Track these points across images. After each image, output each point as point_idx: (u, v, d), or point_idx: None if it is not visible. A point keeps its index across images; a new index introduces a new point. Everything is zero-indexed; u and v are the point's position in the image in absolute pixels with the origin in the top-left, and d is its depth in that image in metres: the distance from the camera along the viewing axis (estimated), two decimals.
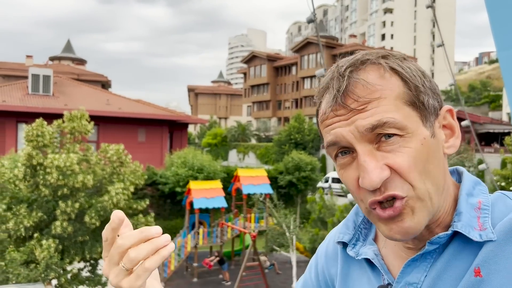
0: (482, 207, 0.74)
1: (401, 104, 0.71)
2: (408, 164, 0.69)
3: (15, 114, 23.75)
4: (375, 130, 0.69)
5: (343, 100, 0.71)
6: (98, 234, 10.24)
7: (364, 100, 0.70)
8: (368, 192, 0.71)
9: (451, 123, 0.77)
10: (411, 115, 0.71)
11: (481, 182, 0.79)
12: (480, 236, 0.70)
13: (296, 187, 26.61)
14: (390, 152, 0.69)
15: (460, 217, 0.73)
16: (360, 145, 0.70)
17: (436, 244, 0.73)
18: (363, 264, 0.84)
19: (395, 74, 0.72)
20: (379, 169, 0.69)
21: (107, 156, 10.67)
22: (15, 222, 9.39)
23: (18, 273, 8.66)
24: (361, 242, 0.86)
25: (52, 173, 9.27)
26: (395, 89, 0.71)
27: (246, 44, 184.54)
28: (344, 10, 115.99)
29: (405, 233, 0.70)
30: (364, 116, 0.70)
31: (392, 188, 0.69)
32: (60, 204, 9.43)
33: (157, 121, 27.85)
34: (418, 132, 0.71)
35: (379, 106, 0.70)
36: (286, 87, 69.96)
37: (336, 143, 0.73)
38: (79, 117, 10.44)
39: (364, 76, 0.71)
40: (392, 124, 0.69)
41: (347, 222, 0.89)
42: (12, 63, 61.12)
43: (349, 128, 0.71)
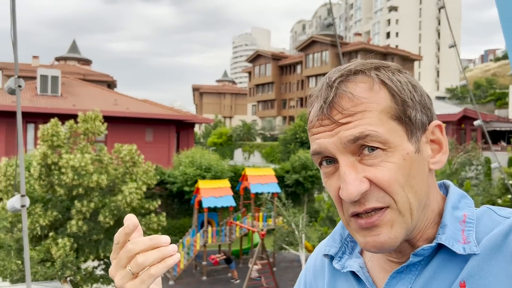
0: (467, 221, 0.74)
1: (386, 118, 0.71)
2: (388, 179, 0.69)
3: (24, 115, 23.98)
4: (357, 142, 0.70)
5: (328, 112, 0.72)
6: (111, 233, 10.40)
7: (349, 112, 0.71)
8: (349, 203, 0.71)
9: (439, 139, 0.77)
10: (396, 130, 0.71)
11: (467, 195, 0.79)
12: (464, 249, 0.70)
13: (302, 186, 26.72)
14: (372, 166, 0.70)
15: (444, 230, 0.73)
16: (343, 157, 0.71)
17: (421, 256, 0.73)
18: (349, 277, 0.83)
19: (384, 87, 0.73)
20: (358, 182, 0.69)
21: (120, 156, 10.82)
22: (31, 221, 9.57)
23: (35, 271, 8.84)
24: (348, 255, 0.86)
25: (67, 173, 9.45)
26: (381, 102, 0.72)
27: (250, 43, 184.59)
28: (348, 8, 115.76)
29: (381, 247, 0.71)
30: (347, 128, 0.70)
31: (372, 201, 0.70)
32: (75, 204, 9.60)
33: (164, 121, 28.04)
34: (401, 147, 0.71)
35: (363, 118, 0.70)
36: (291, 86, 70.02)
37: (320, 152, 0.74)
38: (93, 118, 10.60)
39: (352, 88, 0.72)
40: (375, 138, 0.69)
41: (333, 235, 0.89)
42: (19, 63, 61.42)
43: (333, 140, 0.71)
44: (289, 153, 44.16)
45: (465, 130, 37.33)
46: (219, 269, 18.49)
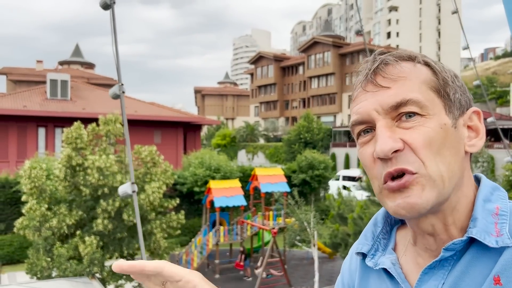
0: (500, 213, 0.72)
1: (426, 88, 0.74)
2: (423, 142, 0.70)
3: (36, 119, 24.42)
4: (398, 109, 0.72)
5: (373, 77, 0.76)
6: (134, 231, 10.79)
7: (392, 77, 0.74)
8: (381, 166, 0.72)
9: (477, 125, 0.78)
10: (434, 100, 0.74)
11: (500, 188, 0.78)
12: (497, 242, 0.68)
13: (309, 185, 27.10)
14: (409, 129, 0.72)
15: (475, 223, 0.72)
16: (381, 120, 0.73)
17: (452, 251, 0.72)
18: (382, 274, 0.82)
19: (427, 66, 0.77)
20: (392, 139, 0.71)
21: (140, 157, 11.21)
22: (58, 220, 9.96)
23: (65, 267, 9.23)
24: (380, 252, 0.85)
25: (93, 174, 9.84)
26: (422, 75, 0.75)
27: (251, 44, 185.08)
28: (348, 9, 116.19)
29: (411, 208, 0.70)
30: (388, 94, 0.73)
31: (403, 163, 0.70)
32: (101, 203, 9.99)
33: (172, 123, 28.44)
34: (439, 117, 0.73)
35: (404, 85, 0.73)
36: (293, 87, 70.43)
37: (360, 121, 0.76)
38: (114, 121, 10.99)
39: (397, 60, 0.77)
40: (415, 103, 0.72)
41: (365, 233, 0.89)
42: (23, 68, 61.97)
43: (374, 106, 0.74)
44: (293, 153, 44.59)
45: None
46: (231, 267, 18.86)
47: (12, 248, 19.66)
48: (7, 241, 19.73)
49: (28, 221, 9.85)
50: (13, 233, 20.22)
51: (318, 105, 64.46)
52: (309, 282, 16.82)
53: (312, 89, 65.17)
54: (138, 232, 2.61)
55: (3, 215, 20.51)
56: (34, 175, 10.55)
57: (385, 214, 0.90)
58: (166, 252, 11.21)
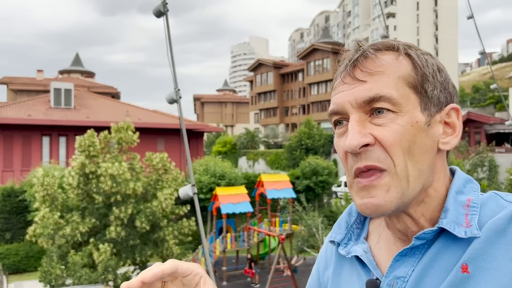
0: (471, 205, 0.74)
1: (402, 84, 0.74)
2: (393, 139, 0.71)
3: (40, 128, 24.47)
4: (371, 104, 0.73)
5: (351, 69, 0.76)
6: (147, 238, 10.81)
7: (369, 71, 0.74)
8: (352, 160, 0.74)
9: (454, 122, 0.78)
10: (410, 97, 0.74)
11: (473, 180, 0.79)
12: (465, 232, 0.70)
13: (313, 191, 27.14)
14: (380, 125, 0.72)
15: (446, 214, 0.73)
16: (354, 113, 0.74)
17: (423, 240, 0.74)
18: (354, 262, 0.84)
19: (408, 59, 0.76)
20: (361, 135, 0.72)
21: (152, 164, 11.26)
22: (71, 228, 9.98)
23: (79, 275, 9.24)
24: (353, 242, 0.87)
25: (106, 181, 9.88)
26: (401, 69, 0.75)
27: (249, 52, 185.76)
28: (346, 16, 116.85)
29: (375, 209, 0.72)
30: (363, 88, 0.74)
31: (373, 159, 0.72)
32: (114, 210, 10.02)
33: (175, 131, 28.51)
34: (412, 114, 0.73)
35: (380, 80, 0.73)
36: (293, 93, 70.64)
37: (336, 112, 0.77)
38: (125, 129, 11.05)
39: (379, 54, 0.76)
40: (388, 99, 0.72)
41: (339, 222, 0.90)
42: (24, 77, 62.05)
43: (348, 98, 0.75)
44: (294, 160, 44.63)
45: (469, 133, 37.84)
46: (238, 274, 18.84)
47: (18, 257, 19.61)
48: (13, 250, 19.68)
49: (42, 229, 9.86)
50: (19, 242, 20.19)
51: (318, 111, 64.63)
52: None
53: (312, 96, 65.38)
54: (201, 235, 2.65)
55: (9, 224, 20.48)
56: (47, 183, 10.60)
57: None
58: (178, 258, 11.22)
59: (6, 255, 19.45)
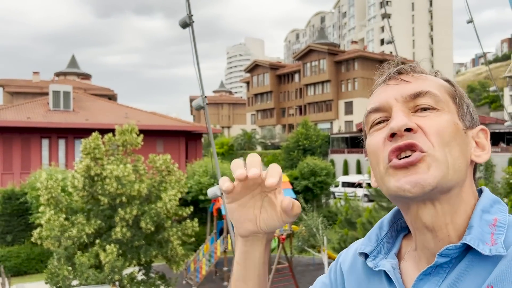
0: (498, 224, 0.73)
1: (443, 91, 0.79)
2: (435, 129, 0.73)
3: (39, 130, 24.51)
4: (416, 100, 0.76)
5: (396, 74, 0.81)
6: (151, 239, 10.96)
7: (414, 75, 0.80)
8: (390, 145, 0.74)
9: (483, 143, 0.80)
10: (449, 103, 0.78)
11: (502, 201, 0.78)
12: (490, 250, 0.68)
13: (312, 192, 27.34)
14: (424, 117, 0.75)
15: (471, 231, 0.72)
16: (398, 105, 0.76)
17: (447, 257, 0.72)
18: (382, 277, 0.83)
19: (445, 80, 0.83)
20: (408, 118, 0.74)
21: (155, 166, 11.41)
22: (77, 229, 10.12)
23: (86, 276, 9.38)
24: (383, 255, 0.85)
25: (111, 183, 10.03)
26: (441, 81, 0.81)
27: (245, 53, 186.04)
28: (341, 17, 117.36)
29: (416, 183, 0.71)
30: (408, 86, 0.78)
31: (414, 139, 0.73)
32: (119, 211, 10.17)
33: (174, 132, 28.64)
34: (453, 115, 0.77)
35: (424, 82, 0.79)
36: (289, 94, 70.92)
37: (377, 108, 0.79)
38: (130, 131, 11.20)
39: (420, 68, 0.83)
40: (433, 95, 0.76)
41: (370, 235, 0.90)
42: (20, 80, 62.01)
43: (394, 93, 0.78)
44: (292, 161, 44.82)
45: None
46: None
47: (20, 259, 19.68)
48: (14, 252, 19.75)
49: (49, 231, 9.99)
50: (20, 245, 20.25)
51: (314, 112, 64.93)
52: None
53: (309, 97, 65.67)
54: (229, 227, 2.81)
55: (10, 227, 20.53)
56: (51, 186, 10.73)
57: (392, 219, 0.90)
58: (182, 259, 11.39)
59: (7, 258, 19.52)
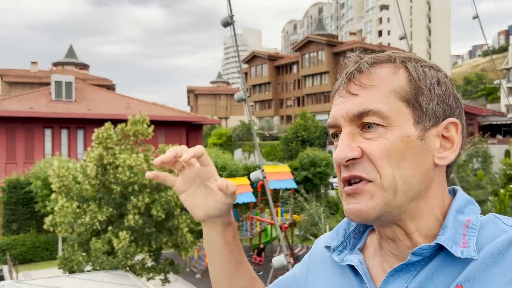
0: (470, 226, 0.73)
1: (393, 97, 0.74)
2: (380, 153, 0.72)
3: (42, 120, 24.71)
4: (361, 118, 0.74)
5: (345, 83, 0.78)
6: (161, 226, 11.30)
7: (361, 85, 0.75)
8: (343, 169, 0.75)
9: (452, 136, 0.77)
10: (402, 111, 0.74)
11: (474, 202, 0.79)
12: (462, 252, 0.69)
13: (311, 182, 27.74)
14: (369, 139, 0.73)
15: (445, 231, 0.73)
16: (346, 127, 0.75)
17: (420, 256, 0.73)
18: (348, 271, 0.84)
19: (405, 71, 0.76)
20: (349, 148, 0.73)
21: None
22: (90, 217, 10.43)
23: (101, 261, 9.72)
24: (348, 250, 0.86)
25: (124, 172, 10.32)
26: (394, 82, 0.75)
27: (242, 43, 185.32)
28: (339, 8, 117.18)
29: (358, 214, 0.73)
30: (354, 103, 0.75)
31: (359, 170, 0.73)
32: (132, 199, 10.48)
33: (175, 123, 28.88)
34: (402, 128, 0.73)
35: (371, 94, 0.74)
36: (287, 85, 71.10)
37: (331, 125, 0.79)
38: (141, 121, 11.47)
39: (376, 68, 0.76)
40: (376, 114, 0.73)
41: (338, 229, 0.90)
42: (18, 70, 61.86)
43: (341, 112, 0.76)
44: (291, 152, 45.23)
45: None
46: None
47: (25, 247, 20.00)
48: (20, 240, 20.06)
49: (63, 218, 10.29)
50: (25, 233, 20.55)
51: (312, 103, 65.19)
52: None
53: (307, 88, 65.89)
54: (272, 215, 3.10)
55: (15, 215, 20.82)
56: (63, 174, 11.02)
57: None
58: (191, 246, 11.74)
59: (13, 246, 19.83)
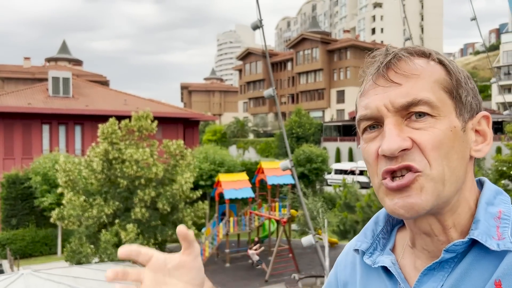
0: (502, 217, 0.71)
1: (438, 88, 0.72)
2: (432, 143, 0.69)
3: (40, 116, 24.78)
4: (409, 108, 0.70)
5: (385, 71, 0.73)
6: (166, 220, 11.56)
7: (404, 73, 0.72)
8: (385, 162, 0.71)
9: (484, 130, 0.76)
10: (446, 101, 0.72)
11: (503, 192, 0.77)
12: (498, 245, 0.67)
13: (307, 178, 28.11)
14: (418, 129, 0.70)
15: (477, 225, 0.70)
16: (390, 117, 0.71)
17: (453, 253, 0.70)
18: (380, 273, 0.81)
19: (441, 64, 0.75)
20: (401, 138, 0.69)
21: (169, 150, 11.96)
22: (97, 210, 10.67)
23: (110, 253, 9.96)
24: (379, 252, 0.84)
25: (131, 166, 10.56)
26: (436, 73, 0.73)
27: (235, 40, 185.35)
28: (333, 5, 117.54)
29: (410, 208, 0.69)
30: (399, 92, 0.71)
31: (409, 160, 0.69)
32: (138, 193, 10.73)
33: (172, 119, 29.06)
34: (450, 118, 0.71)
35: (416, 84, 0.71)
36: (282, 82, 71.42)
37: (369, 117, 0.74)
38: (145, 117, 11.70)
39: (410, 56, 0.74)
40: (426, 103, 0.70)
41: (365, 231, 0.87)
42: (11, 65, 61.47)
43: (384, 101, 0.72)
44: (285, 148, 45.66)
45: None
46: (239, 256, 19.73)
47: (25, 242, 20.14)
48: (19, 235, 20.19)
49: (72, 211, 10.51)
50: (24, 228, 20.68)
51: (307, 100, 65.60)
52: (315, 268, 17.81)
53: (301, 85, 66.28)
54: (302, 205, 3.40)
55: (14, 211, 20.94)
56: (69, 168, 11.23)
57: (387, 213, 0.86)
58: None
59: (12, 241, 19.96)
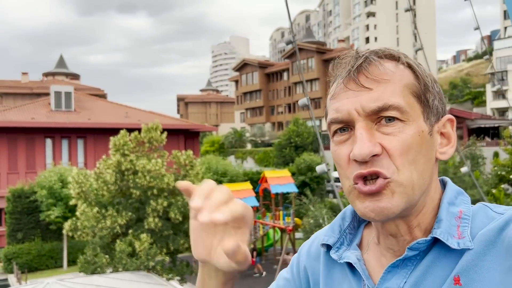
0: (463, 217, 0.74)
1: (407, 92, 0.73)
2: (401, 149, 0.71)
3: (43, 130, 24.97)
4: (379, 113, 0.72)
5: (356, 75, 0.74)
6: (179, 229, 11.77)
7: (375, 78, 0.73)
8: (355, 167, 0.72)
9: (449, 133, 0.79)
10: (414, 106, 0.74)
11: (464, 192, 0.79)
12: (458, 244, 0.70)
13: (309, 187, 28.37)
14: (388, 134, 0.71)
15: (440, 224, 0.73)
16: (361, 121, 0.72)
17: (416, 250, 0.73)
18: (345, 268, 0.83)
19: (409, 68, 0.76)
20: (372, 143, 0.70)
21: (178, 161, 12.21)
22: (111, 221, 10.87)
23: (125, 262, 10.14)
24: (345, 247, 0.85)
25: (145, 176, 10.80)
26: (405, 78, 0.75)
27: (230, 51, 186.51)
28: (327, 15, 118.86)
29: (380, 212, 0.71)
30: (370, 97, 0.72)
31: (378, 166, 0.70)
32: (151, 203, 10.95)
33: (174, 131, 29.31)
34: (418, 123, 0.73)
35: (386, 89, 0.72)
36: (278, 92, 71.96)
37: (340, 120, 0.75)
38: (155, 129, 11.97)
39: (384, 62, 0.75)
40: (396, 108, 0.71)
41: (333, 226, 0.88)
42: (8, 80, 61.71)
43: (355, 105, 0.73)
44: (284, 158, 45.85)
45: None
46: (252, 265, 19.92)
47: (31, 256, 20.21)
48: (25, 249, 20.27)
49: (86, 222, 10.71)
50: (30, 242, 20.76)
51: (303, 110, 65.95)
52: None
53: (298, 95, 66.76)
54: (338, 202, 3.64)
55: (20, 224, 21.03)
56: (81, 180, 11.45)
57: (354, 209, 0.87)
58: None
59: (18, 255, 20.04)
